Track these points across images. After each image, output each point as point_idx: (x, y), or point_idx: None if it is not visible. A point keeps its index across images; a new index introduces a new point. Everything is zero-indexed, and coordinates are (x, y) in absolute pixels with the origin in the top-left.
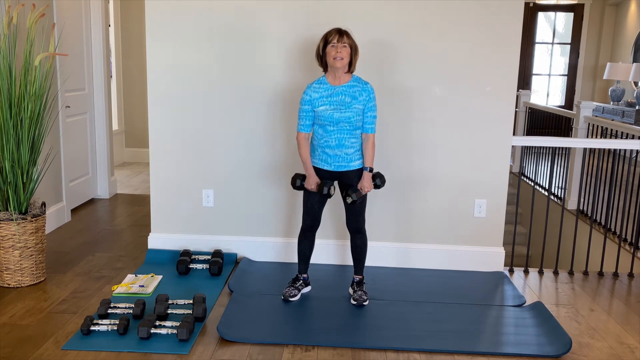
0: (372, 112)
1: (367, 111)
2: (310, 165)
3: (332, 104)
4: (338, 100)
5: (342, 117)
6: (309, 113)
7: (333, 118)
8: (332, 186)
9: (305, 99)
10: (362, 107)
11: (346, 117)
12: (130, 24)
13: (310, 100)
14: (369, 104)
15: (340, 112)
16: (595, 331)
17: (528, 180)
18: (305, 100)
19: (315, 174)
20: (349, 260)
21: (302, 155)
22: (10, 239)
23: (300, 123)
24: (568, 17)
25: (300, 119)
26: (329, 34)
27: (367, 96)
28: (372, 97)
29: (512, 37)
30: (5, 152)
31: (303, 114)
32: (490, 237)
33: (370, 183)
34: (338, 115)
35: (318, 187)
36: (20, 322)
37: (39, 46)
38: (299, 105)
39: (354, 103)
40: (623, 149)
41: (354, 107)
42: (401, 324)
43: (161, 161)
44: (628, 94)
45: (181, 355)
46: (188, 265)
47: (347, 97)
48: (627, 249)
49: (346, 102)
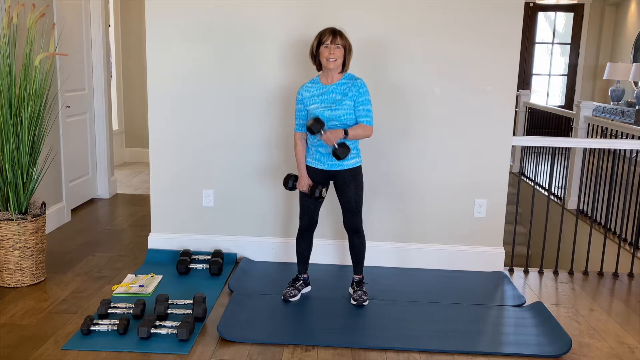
0: (365, 105)
1: (359, 105)
2: (303, 166)
3: (323, 102)
4: (329, 99)
5: (333, 115)
6: (302, 112)
7: (324, 116)
8: (322, 189)
9: (298, 99)
10: (352, 102)
11: (337, 115)
12: (130, 24)
13: (302, 100)
14: (359, 98)
15: (331, 110)
16: (595, 331)
17: (528, 180)
18: (298, 100)
19: (308, 175)
20: (349, 260)
21: (296, 155)
22: (10, 239)
23: (296, 123)
24: (568, 17)
25: (295, 118)
26: (322, 34)
27: (357, 90)
28: (362, 92)
29: (512, 37)
30: (5, 152)
31: (297, 114)
32: (490, 237)
33: (336, 138)
34: (329, 113)
35: (309, 189)
36: (20, 322)
37: (39, 46)
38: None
39: (345, 100)
40: (623, 149)
41: (345, 103)
42: (401, 324)
43: (161, 161)
44: (628, 94)
45: (181, 355)
46: (188, 265)
47: (338, 94)
48: (627, 249)
49: (337, 100)
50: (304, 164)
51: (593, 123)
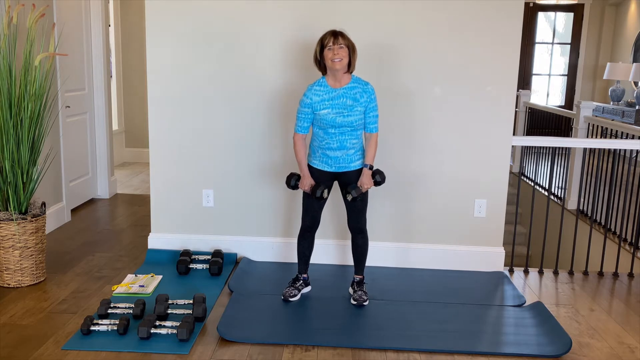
0: (374, 111)
1: (369, 111)
2: (306, 166)
3: (335, 107)
4: (340, 104)
5: (345, 122)
6: (307, 115)
7: (335, 122)
8: (325, 189)
9: (305, 102)
10: (363, 108)
11: (349, 121)
12: (130, 24)
13: (310, 104)
14: (370, 105)
15: (343, 117)
16: (595, 331)
17: (528, 180)
18: (306, 103)
19: (311, 175)
20: (349, 260)
21: (298, 156)
22: (10, 239)
23: (298, 124)
24: (568, 17)
25: (298, 120)
26: (324, 37)
27: (369, 97)
28: (373, 98)
29: (512, 37)
30: (5, 152)
31: (302, 116)
32: (490, 237)
33: (370, 180)
34: (341, 119)
35: (311, 189)
36: (20, 322)
37: (39, 46)
38: (298, 106)
39: (356, 106)
40: (623, 149)
41: (356, 109)
42: (401, 324)
43: (161, 161)
44: (628, 94)
45: (181, 355)
46: (188, 265)
47: (349, 99)
48: (627, 249)
49: (348, 105)
50: (306, 163)
51: (593, 123)
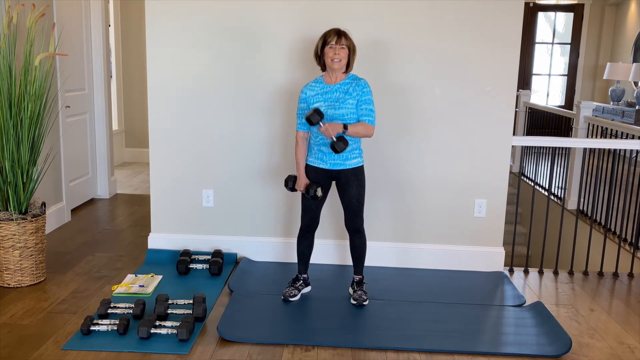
0: (367, 104)
1: (361, 103)
2: (302, 167)
3: (327, 100)
4: (332, 97)
5: (336, 114)
6: (304, 111)
7: (327, 114)
8: (317, 188)
9: (301, 97)
10: (355, 101)
11: (340, 114)
12: (130, 24)
13: (305, 98)
14: (363, 97)
15: (334, 109)
16: (595, 331)
17: (528, 180)
18: (302, 99)
19: (308, 175)
20: (349, 260)
21: (296, 156)
22: (10, 239)
23: (297, 122)
24: (568, 17)
25: (297, 118)
26: (327, 35)
27: (361, 90)
28: (366, 91)
29: (512, 37)
30: (5, 152)
31: (300, 112)
32: (490, 237)
33: (335, 130)
34: (332, 112)
35: (305, 188)
36: (20, 322)
37: (39, 46)
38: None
39: (347, 98)
40: (623, 149)
41: (348, 101)
42: (401, 324)
43: (161, 161)
44: (628, 94)
45: (181, 355)
46: (188, 265)
47: (341, 93)
48: (627, 249)
49: (340, 99)
50: (303, 164)
51: (593, 123)
